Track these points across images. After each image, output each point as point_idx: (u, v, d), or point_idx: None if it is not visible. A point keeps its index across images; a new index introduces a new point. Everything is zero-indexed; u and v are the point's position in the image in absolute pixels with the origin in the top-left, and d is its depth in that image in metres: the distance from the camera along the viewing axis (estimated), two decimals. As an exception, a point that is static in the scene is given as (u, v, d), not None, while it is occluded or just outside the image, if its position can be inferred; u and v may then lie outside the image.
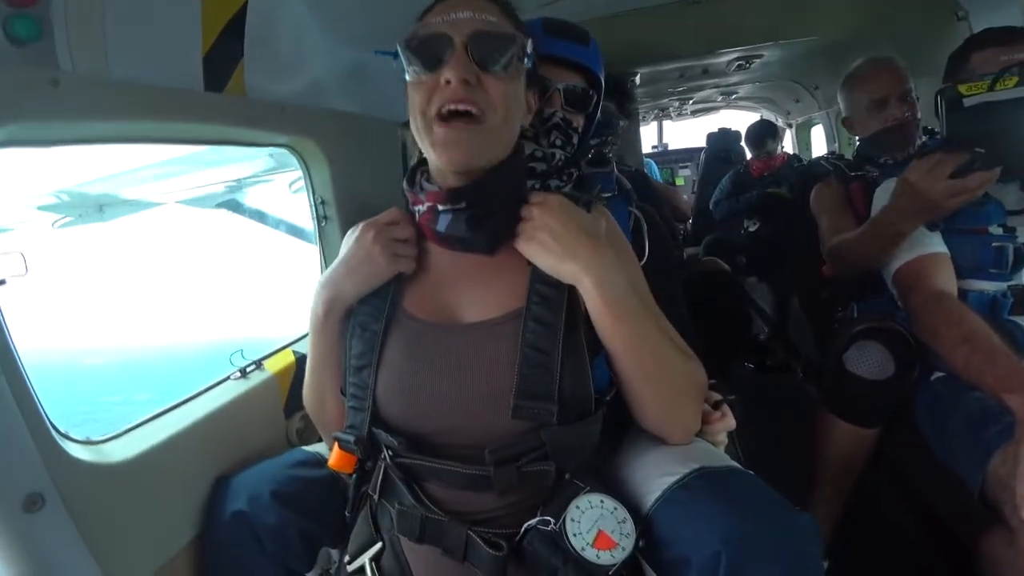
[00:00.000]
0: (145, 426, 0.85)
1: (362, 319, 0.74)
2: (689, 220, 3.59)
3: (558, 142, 0.92)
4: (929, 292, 1.13)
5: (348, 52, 1.18)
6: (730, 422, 0.85)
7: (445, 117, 0.65)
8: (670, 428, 0.74)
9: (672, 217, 2.44)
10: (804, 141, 4.01)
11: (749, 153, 3.35)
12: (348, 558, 0.75)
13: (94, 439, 0.77)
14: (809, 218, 1.63)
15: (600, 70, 0.96)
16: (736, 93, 4.25)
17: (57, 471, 0.65)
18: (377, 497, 0.75)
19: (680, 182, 5.52)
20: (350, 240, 0.77)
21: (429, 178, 0.73)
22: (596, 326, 0.69)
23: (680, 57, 2.70)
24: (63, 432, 0.70)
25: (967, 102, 1.06)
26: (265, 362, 1.09)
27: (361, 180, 1.32)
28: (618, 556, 0.61)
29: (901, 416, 1.22)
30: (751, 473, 0.70)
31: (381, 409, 0.71)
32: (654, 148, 5.86)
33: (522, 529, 0.66)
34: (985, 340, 1.01)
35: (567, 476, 0.67)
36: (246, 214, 2.55)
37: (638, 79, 2.78)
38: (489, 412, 0.66)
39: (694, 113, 5.27)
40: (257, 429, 1.01)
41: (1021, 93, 1.02)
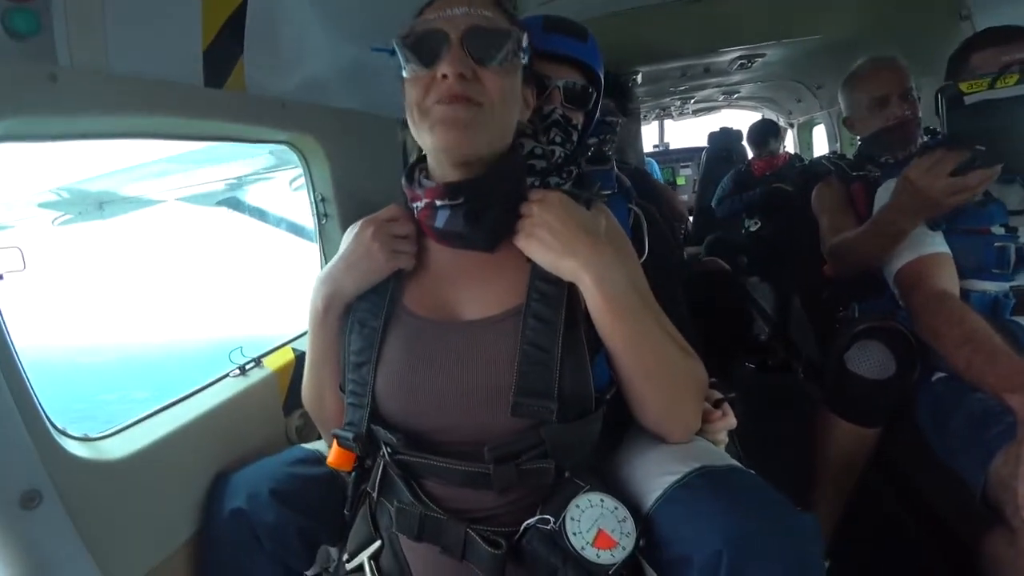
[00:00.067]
0: (143, 423, 0.84)
1: (361, 315, 0.74)
2: (684, 221, 3.58)
3: (558, 139, 0.92)
4: (931, 292, 1.13)
5: (349, 48, 1.18)
6: (731, 421, 0.84)
7: (444, 101, 0.65)
8: (670, 426, 0.74)
9: (671, 217, 2.43)
10: (806, 141, 4.01)
11: (751, 153, 3.35)
12: (347, 556, 0.75)
13: (92, 436, 0.76)
14: (810, 218, 1.63)
15: (599, 67, 0.96)
16: (738, 92, 4.25)
17: (54, 468, 0.64)
18: (376, 495, 0.75)
19: (681, 182, 5.52)
20: (350, 236, 0.77)
21: (428, 175, 0.73)
22: (596, 323, 0.68)
23: (682, 56, 2.69)
24: (61, 428, 0.70)
25: (968, 100, 1.05)
26: (264, 359, 1.09)
27: (361, 177, 1.31)
28: (618, 555, 0.61)
29: (902, 416, 1.22)
30: (752, 472, 0.69)
31: (380, 406, 0.70)
32: (655, 147, 5.86)
33: (521, 528, 0.65)
34: (987, 340, 1.01)
35: (567, 474, 0.67)
36: (246, 211, 2.56)
37: (639, 78, 2.77)
38: (488, 409, 0.66)
39: (695, 112, 5.27)
40: (256, 426, 1.01)
41: (1022, 91, 1.02)
